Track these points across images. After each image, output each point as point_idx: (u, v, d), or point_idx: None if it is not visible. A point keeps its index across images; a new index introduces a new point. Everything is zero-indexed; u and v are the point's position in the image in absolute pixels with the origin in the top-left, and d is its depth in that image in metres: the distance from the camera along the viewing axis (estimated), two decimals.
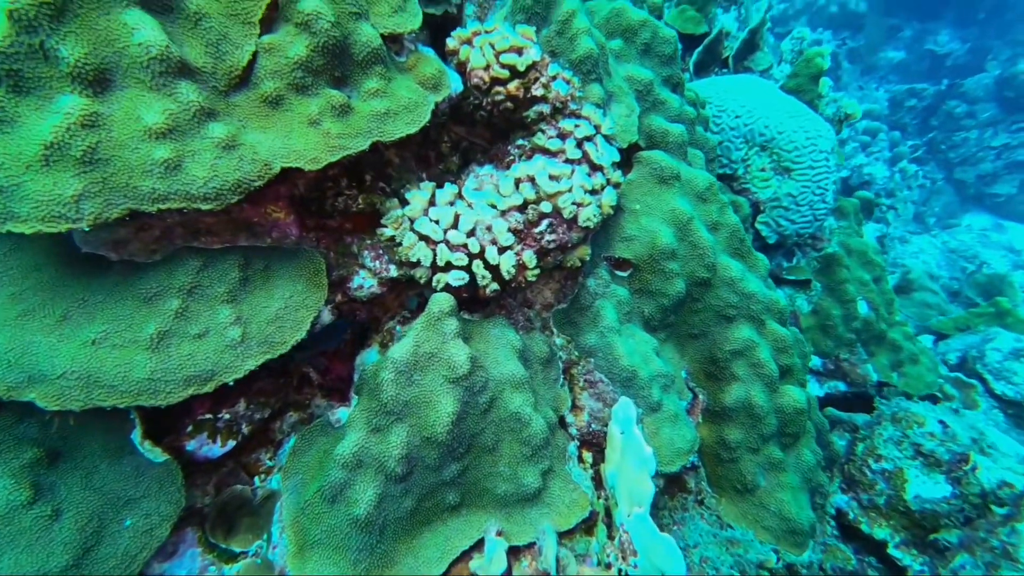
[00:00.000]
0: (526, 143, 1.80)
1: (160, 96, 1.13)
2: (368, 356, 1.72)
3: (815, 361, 3.08)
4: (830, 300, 3.13)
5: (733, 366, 1.82)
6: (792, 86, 3.27)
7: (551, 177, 1.55)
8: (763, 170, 3.13)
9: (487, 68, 1.65)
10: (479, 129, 1.88)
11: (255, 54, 1.29)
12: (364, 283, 1.62)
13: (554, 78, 1.70)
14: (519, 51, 1.65)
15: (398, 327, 1.77)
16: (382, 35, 1.44)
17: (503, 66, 1.64)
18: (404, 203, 1.57)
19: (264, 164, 1.25)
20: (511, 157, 1.81)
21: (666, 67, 2.02)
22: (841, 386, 3.09)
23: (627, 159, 2.02)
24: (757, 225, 3.16)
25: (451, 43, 1.73)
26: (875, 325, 3.04)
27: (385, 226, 1.52)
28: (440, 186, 1.63)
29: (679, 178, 1.88)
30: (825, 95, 3.32)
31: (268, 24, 1.35)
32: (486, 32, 1.70)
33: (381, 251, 1.61)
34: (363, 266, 1.63)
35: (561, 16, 1.76)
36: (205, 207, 1.16)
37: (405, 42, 1.54)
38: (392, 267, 1.60)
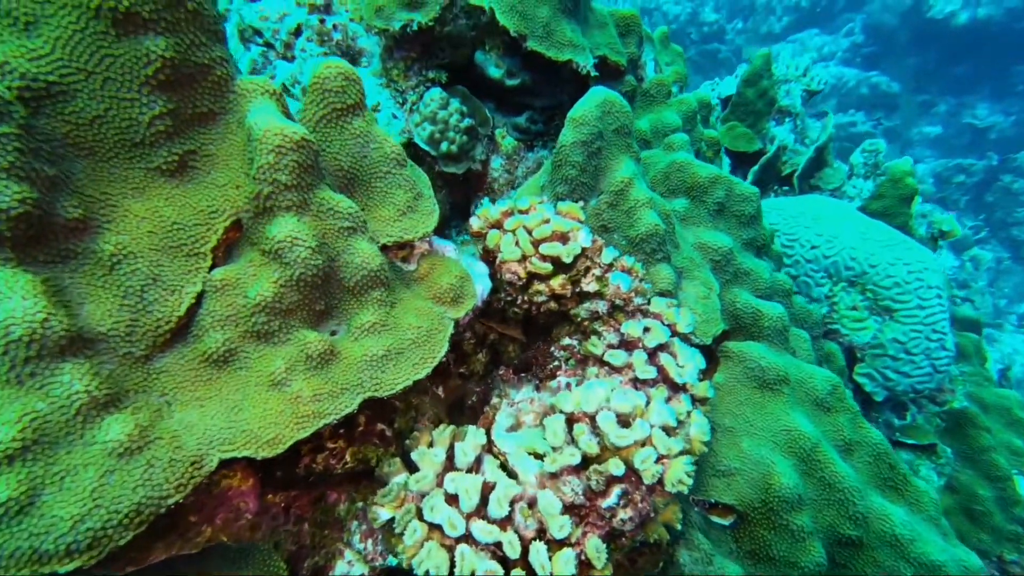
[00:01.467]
0: (575, 344, 1.35)
1: (21, 393, 0.74)
2: None
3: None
4: (971, 474, 2.40)
5: None
6: (877, 208, 2.82)
7: (619, 420, 1.06)
8: (854, 309, 2.59)
9: (523, 260, 1.25)
10: (512, 323, 1.45)
11: (200, 295, 0.92)
12: (351, 573, 1.12)
13: (610, 267, 1.28)
14: (564, 238, 1.26)
15: None
16: (385, 245, 1.07)
17: (544, 258, 1.24)
18: (411, 466, 1.10)
19: (190, 464, 0.82)
20: (556, 362, 1.36)
21: (747, 228, 1.59)
22: None
23: (706, 347, 1.53)
24: (857, 377, 2.55)
25: (476, 224, 1.36)
26: None
27: (381, 506, 1.05)
28: (460, 432, 1.16)
29: (787, 381, 1.36)
30: (914, 214, 2.84)
31: (227, 248, 1.00)
32: (520, 212, 1.33)
33: (377, 527, 1.12)
34: (349, 545, 1.14)
35: (615, 186, 1.38)
36: (66, 568, 0.72)
37: (416, 244, 1.17)
38: (390, 555, 1.10)
